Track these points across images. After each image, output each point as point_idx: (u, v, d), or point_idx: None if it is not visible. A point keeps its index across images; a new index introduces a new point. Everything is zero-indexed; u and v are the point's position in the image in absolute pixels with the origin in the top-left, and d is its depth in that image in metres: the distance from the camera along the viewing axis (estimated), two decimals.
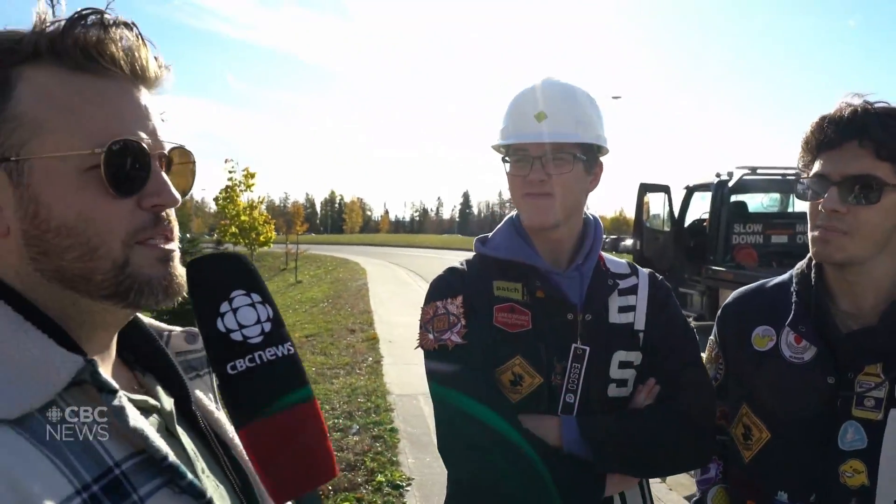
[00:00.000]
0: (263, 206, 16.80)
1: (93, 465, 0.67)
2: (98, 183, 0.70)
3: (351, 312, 14.08)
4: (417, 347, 1.55)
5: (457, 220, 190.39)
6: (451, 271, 1.62)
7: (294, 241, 29.24)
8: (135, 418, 0.72)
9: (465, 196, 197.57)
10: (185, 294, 0.76)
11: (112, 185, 0.70)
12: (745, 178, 11.38)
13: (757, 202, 12.26)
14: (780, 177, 11.60)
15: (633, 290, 1.61)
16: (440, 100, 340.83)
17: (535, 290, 1.53)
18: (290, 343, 0.72)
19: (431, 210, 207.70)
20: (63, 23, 0.69)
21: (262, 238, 16.26)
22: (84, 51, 0.69)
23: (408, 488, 4.77)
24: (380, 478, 4.87)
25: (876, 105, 1.34)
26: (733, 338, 1.62)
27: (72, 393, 0.69)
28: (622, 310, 1.58)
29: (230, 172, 15.33)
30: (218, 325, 0.69)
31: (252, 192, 15.81)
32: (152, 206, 0.74)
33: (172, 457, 0.72)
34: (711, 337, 1.72)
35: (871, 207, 1.31)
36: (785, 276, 1.60)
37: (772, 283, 1.63)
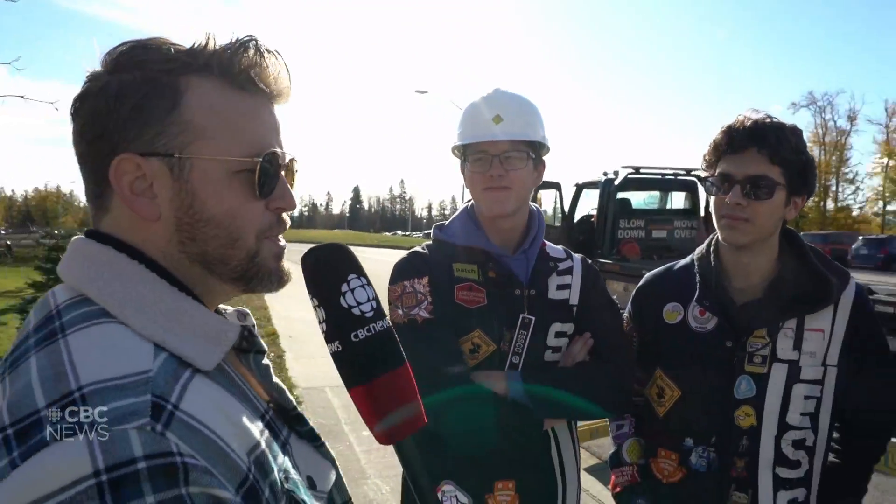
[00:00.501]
0: None
1: (256, 408, 0.82)
2: (244, 185, 0.82)
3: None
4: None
5: (347, 215, 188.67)
6: (415, 254, 1.83)
7: None
8: (272, 376, 0.88)
9: (356, 191, 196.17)
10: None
11: (258, 189, 0.83)
12: (629, 176, 12.14)
13: (640, 199, 13.14)
14: (659, 176, 12.52)
15: (569, 271, 1.88)
16: (330, 94, 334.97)
17: (489, 271, 1.77)
18: (388, 317, 0.86)
19: (321, 205, 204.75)
20: (232, 47, 0.82)
21: None
22: (246, 73, 0.82)
23: None
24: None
25: (770, 120, 1.66)
26: (647, 314, 1.91)
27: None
28: (559, 288, 1.84)
29: None
30: (341, 302, 0.82)
31: None
32: (276, 208, 0.87)
33: (298, 408, 0.88)
34: (625, 314, 2.00)
35: (766, 202, 1.64)
36: (687, 260, 1.92)
37: (677, 267, 1.94)
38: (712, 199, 1.75)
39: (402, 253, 1.90)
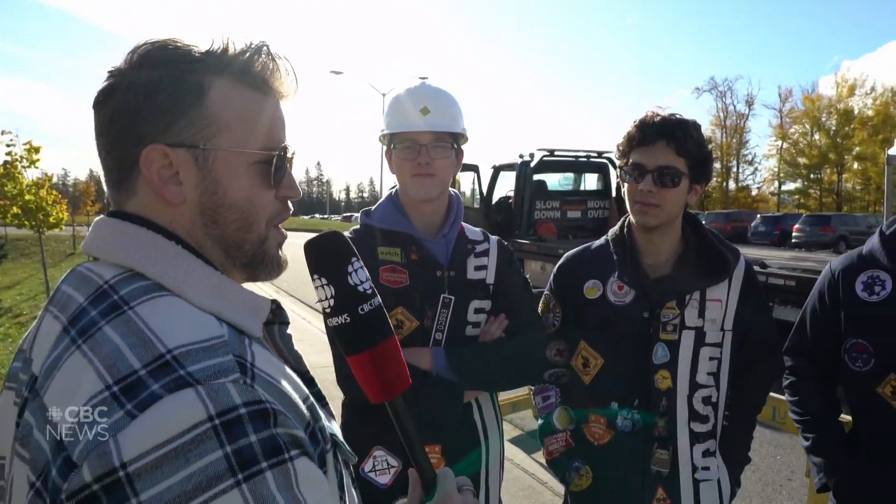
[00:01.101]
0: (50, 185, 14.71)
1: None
2: (260, 174, 0.92)
3: None
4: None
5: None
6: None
7: (85, 223, 26.76)
8: (293, 344, 0.98)
9: None
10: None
11: (273, 178, 0.92)
12: (544, 158, 12.48)
13: (555, 181, 13.55)
14: (573, 158, 12.94)
15: (485, 253, 2.03)
16: None
17: (411, 254, 1.91)
18: (378, 296, 0.98)
19: None
20: (249, 51, 0.90)
21: (51, 219, 14.27)
22: (261, 75, 0.91)
23: None
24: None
25: (675, 116, 1.88)
26: (568, 291, 2.09)
27: None
28: (477, 268, 1.99)
29: (8, 146, 13.17)
30: (349, 280, 0.94)
31: (37, 168, 13.71)
32: (284, 196, 0.96)
33: (310, 372, 0.98)
34: (547, 291, 2.17)
35: (673, 189, 1.85)
36: (602, 241, 2.11)
37: (594, 247, 2.13)
38: (625, 185, 1.94)
39: None
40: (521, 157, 12.67)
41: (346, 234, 1.93)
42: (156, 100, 0.85)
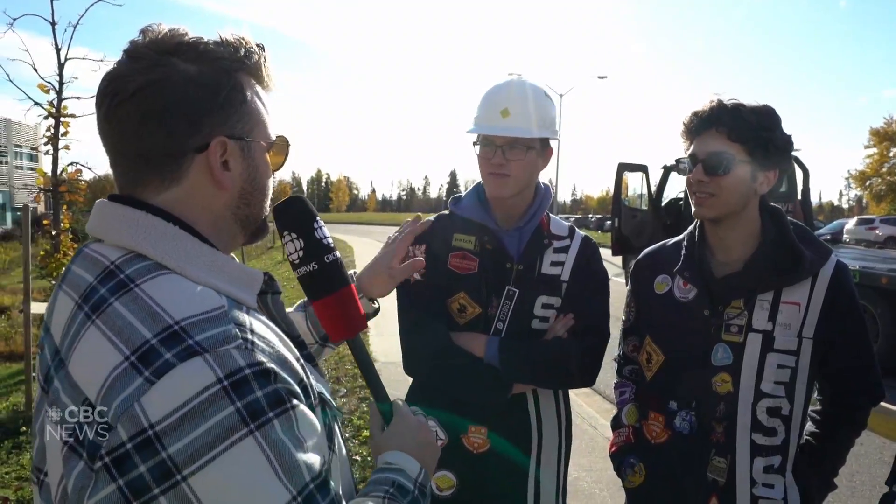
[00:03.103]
0: None
1: None
2: (272, 161, 1.07)
3: None
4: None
5: (444, 198, 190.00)
6: (424, 224, 2.04)
7: None
8: (285, 310, 1.11)
9: (452, 175, 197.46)
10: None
11: (280, 164, 1.09)
12: None
13: None
14: None
15: (565, 249, 2.03)
16: (424, 81, 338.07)
17: (485, 244, 1.97)
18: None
19: (419, 189, 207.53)
20: (257, 51, 1.02)
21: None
22: (269, 77, 1.05)
23: None
24: (366, 433, 5.30)
25: (728, 101, 1.76)
26: (642, 286, 2.04)
27: None
28: (553, 264, 2.00)
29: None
30: (316, 234, 1.14)
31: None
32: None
33: (301, 335, 1.10)
34: (628, 287, 2.13)
35: (726, 177, 1.73)
36: (681, 237, 2.02)
37: (671, 243, 2.05)
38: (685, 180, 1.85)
39: None
40: None
41: (431, 218, 2.06)
42: (218, 96, 0.96)
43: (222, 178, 0.97)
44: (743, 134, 1.72)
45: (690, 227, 1.98)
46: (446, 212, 2.10)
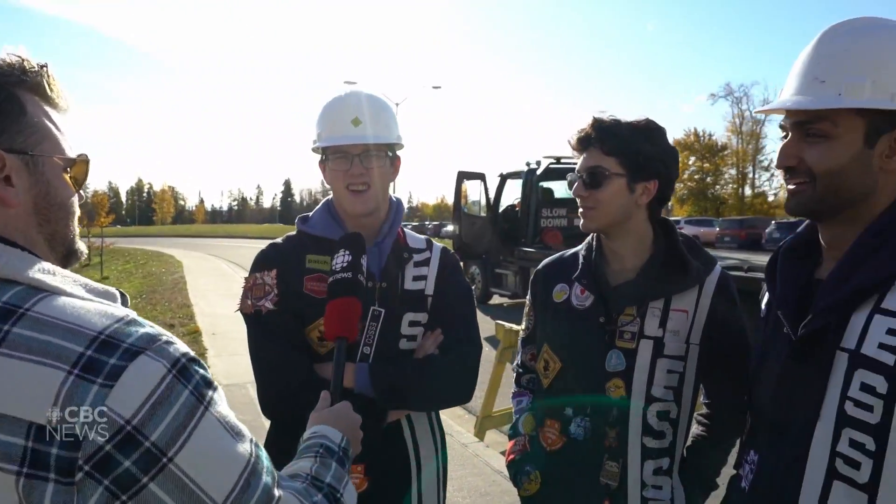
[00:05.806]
0: None
1: None
2: (72, 178, 1.04)
3: (168, 307, 13.42)
4: (237, 311, 1.83)
5: (278, 208, 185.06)
6: (271, 247, 1.91)
7: (98, 235, 27.03)
8: None
9: (287, 184, 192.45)
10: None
11: (80, 184, 1.06)
12: (550, 166, 12.45)
13: (561, 188, 13.46)
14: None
15: (426, 262, 1.96)
16: (259, 87, 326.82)
17: None
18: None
19: (251, 199, 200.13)
20: (39, 70, 0.99)
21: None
22: (56, 94, 1.02)
23: None
24: None
25: (607, 117, 1.82)
26: (541, 295, 2.04)
27: None
28: (416, 278, 1.92)
29: None
30: (361, 259, 1.56)
31: None
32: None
33: None
34: (528, 296, 2.13)
35: (602, 190, 1.80)
36: (580, 247, 2.03)
37: (569, 253, 2.09)
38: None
39: None
40: (527, 164, 12.64)
41: (279, 240, 1.92)
42: None
43: (5, 195, 0.94)
44: (616, 148, 1.78)
45: (589, 238, 2.01)
46: (293, 232, 1.95)
